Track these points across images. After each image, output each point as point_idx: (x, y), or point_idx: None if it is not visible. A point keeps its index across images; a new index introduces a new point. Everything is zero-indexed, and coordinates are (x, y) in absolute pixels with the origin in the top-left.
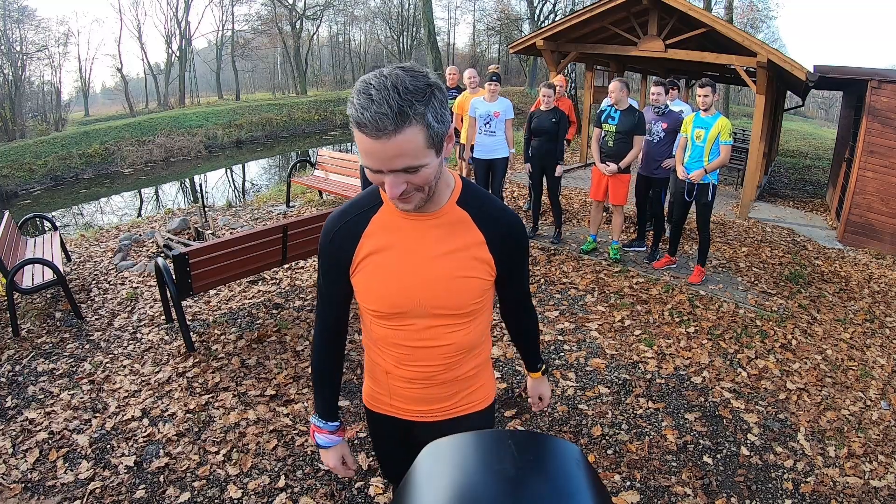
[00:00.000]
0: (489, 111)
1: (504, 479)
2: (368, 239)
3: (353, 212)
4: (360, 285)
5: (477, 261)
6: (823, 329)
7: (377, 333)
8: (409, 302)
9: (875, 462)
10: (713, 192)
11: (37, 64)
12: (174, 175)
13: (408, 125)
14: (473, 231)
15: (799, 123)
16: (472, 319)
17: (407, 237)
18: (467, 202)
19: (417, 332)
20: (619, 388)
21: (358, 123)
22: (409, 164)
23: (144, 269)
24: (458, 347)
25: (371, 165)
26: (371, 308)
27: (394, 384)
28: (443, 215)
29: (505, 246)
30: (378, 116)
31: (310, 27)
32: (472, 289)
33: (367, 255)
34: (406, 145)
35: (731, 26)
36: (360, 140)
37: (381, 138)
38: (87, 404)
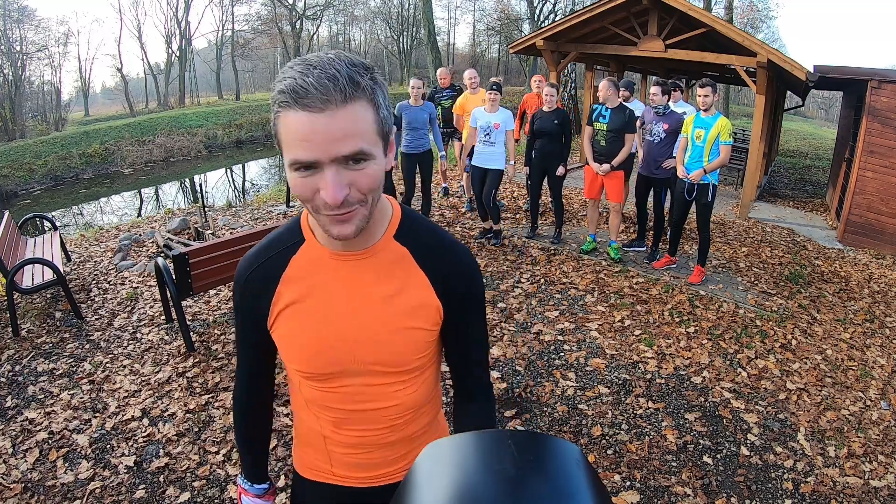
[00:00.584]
0: (489, 122)
1: (504, 479)
2: (288, 285)
3: (269, 252)
4: (282, 341)
5: (420, 305)
6: (823, 329)
7: (307, 394)
8: (342, 359)
9: (875, 462)
10: (713, 193)
11: (37, 64)
12: (174, 175)
13: (358, 97)
14: (414, 270)
15: (799, 123)
16: (418, 375)
17: (335, 280)
18: (407, 236)
19: (355, 394)
20: (619, 388)
21: (295, 93)
22: (360, 147)
23: (144, 269)
24: (404, 408)
25: (306, 155)
26: (297, 368)
27: (332, 450)
28: (378, 252)
29: (454, 289)
30: (324, 81)
31: (310, 27)
32: (414, 341)
33: (287, 305)
34: (356, 122)
35: (731, 26)
36: (294, 122)
37: (327, 110)
38: (87, 404)
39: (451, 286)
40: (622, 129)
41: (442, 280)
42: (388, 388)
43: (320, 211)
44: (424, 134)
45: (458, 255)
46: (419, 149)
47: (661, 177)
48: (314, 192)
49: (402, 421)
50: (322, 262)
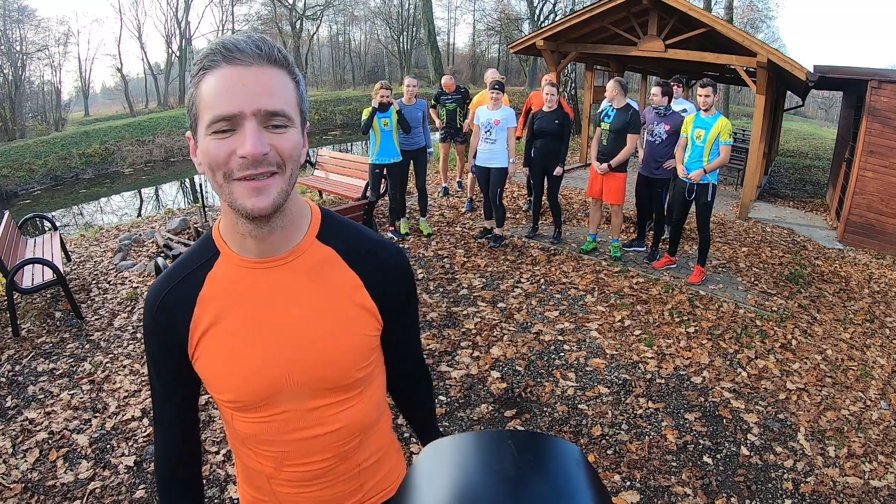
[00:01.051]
0: (490, 119)
1: (504, 479)
2: (206, 305)
3: (182, 272)
4: (206, 371)
5: (356, 309)
6: (823, 329)
7: (242, 431)
8: (275, 382)
9: (875, 462)
10: (713, 192)
11: (37, 64)
12: (174, 175)
13: (282, 67)
14: (345, 272)
15: (799, 123)
16: (363, 389)
17: (258, 292)
18: (332, 236)
19: (293, 420)
20: (619, 388)
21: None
22: (281, 107)
23: (144, 268)
24: (352, 430)
25: (228, 108)
26: (225, 400)
27: (279, 490)
28: (300, 254)
29: (388, 288)
30: (254, 41)
31: (310, 27)
32: (354, 350)
33: (207, 329)
34: (280, 83)
35: (731, 26)
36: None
37: (254, 65)
38: (87, 404)
39: (385, 285)
40: (624, 128)
41: (374, 279)
42: (330, 410)
43: (234, 175)
44: (419, 132)
45: (390, 252)
46: (414, 146)
47: (661, 177)
48: (229, 154)
49: (352, 446)
50: (241, 274)
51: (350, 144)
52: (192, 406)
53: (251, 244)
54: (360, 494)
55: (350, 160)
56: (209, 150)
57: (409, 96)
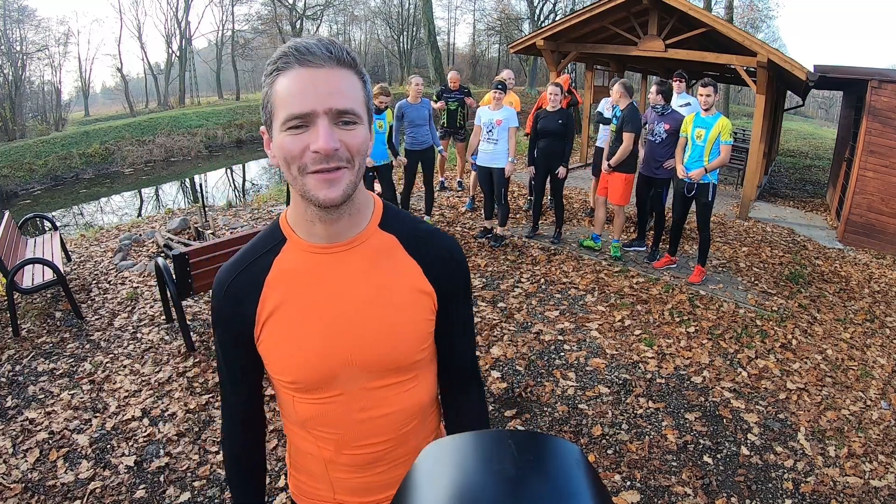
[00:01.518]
0: (492, 119)
1: (504, 478)
2: (273, 289)
3: (249, 258)
4: (270, 353)
5: (416, 294)
6: (823, 329)
7: (303, 413)
8: (336, 363)
9: (875, 462)
10: (713, 192)
11: (37, 64)
12: (174, 175)
13: (351, 68)
14: (405, 258)
15: (799, 123)
16: (420, 373)
17: (321, 278)
18: (392, 224)
19: (354, 402)
20: (620, 388)
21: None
22: (351, 105)
23: (144, 268)
24: (410, 412)
25: (302, 107)
26: (288, 381)
27: (336, 476)
28: (364, 241)
29: (445, 274)
30: (326, 44)
31: (310, 27)
32: (413, 332)
33: (273, 312)
34: (350, 85)
35: (731, 26)
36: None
37: (326, 67)
38: (87, 404)
39: (441, 272)
40: (621, 127)
41: (432, 266)
42: (389, 391)
43: (308, 169)
44: (426, 131)
45: (445, 240)
46: (422, 145)
47: (662, 177)
48: (303, 149)
49: (409, 428)
50: (308, 259)
51: None
52: (257, 387)
53: (320, 229)
54: None
55: None
56: (284, 145)
57: (416, 95)
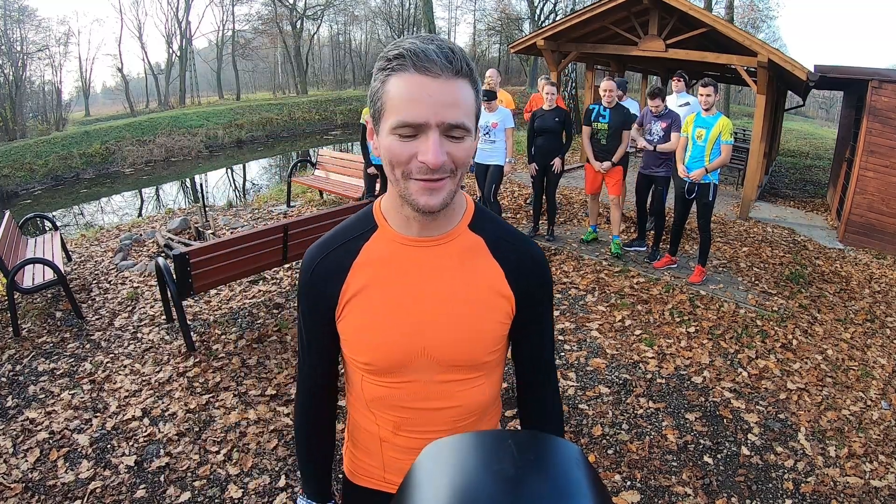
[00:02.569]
0: (487, 122)
1: (503, 478)
2: (359, 273)
3: (339, 240)
4: (349, 333)
5: (495, 296)
6: (824, 329)
7: (370, 393)
8: (411, 352)
9: (875, 462)
10: (714, 192)
11: (37, 64)
12: (175, 175)
13: (468, 78)
14: (489, 260)
15: (799, 123)
16: (487, 374)
17: (407, 268)
18: (481, 226)
19: (420, 391)
20: (620, 388)
21: (418, 57)
22: (462, 119)
23: (145, 268)
24: (470, 409)
25: (416, 116)
26: (362, 361)
27: (389, 455)
28: (453, 239)
29: (526, 281)
30: (446, 51)
31: (310, 27)
32: (489, 333)
33: (356, 294)
34: (464, 96)
35: (731, 26)
36: (409, 85)
37: (443, 76)
38: (87, 404)
39: (524, 277)
40: (621, 126)
41: (515, 271)
42: (454, 387)
43: (412, 176)
44: None
45: (530, 247)
46: None
47: (661, 175)
48: (411, 157)
49: (464, 425)
50: (396, 249)
51: (350, 144)
52: (333, 362)
53: (413, 224)
54: None
55: (350, 160)
56: (392, 149)
57: None
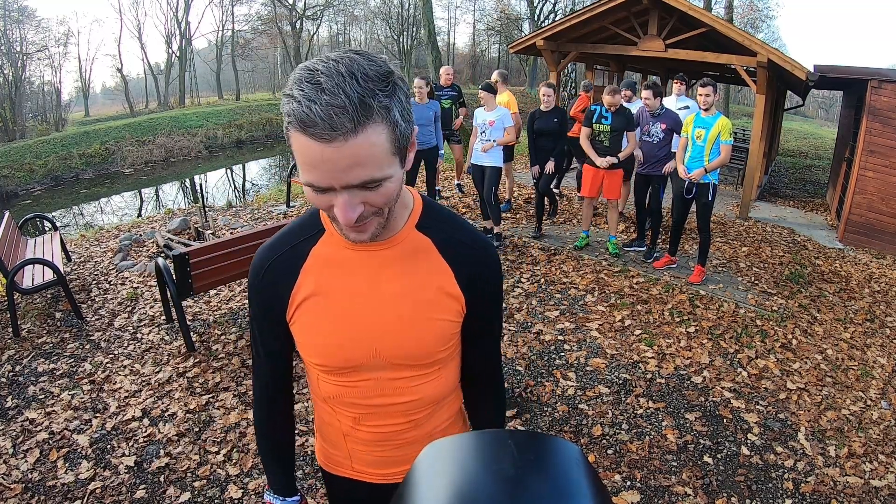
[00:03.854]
0: (485, 120)
1: (503, 478)
2: (308, 276)
3: (288, 243)
4: (301, 335)
5: (443, 296)
6: (824, 329)
7: (326, 391)
8: (363, 353)
9: (875, 462)
10: (713, 192)
11: (37, 64)
12: (174, 175)
13: (371, 122)
14: (437, 261)
15: (799, 123)
16: (441, 369)
17: (355, 272)
18: (429, 226)
19: (374, 388)
20: (620, 388)
21: (302, 122)
22: (371, 175)
23: (145, 269)
24: (425, 402)
25: (318, 181)
26: (315, 363)
27: (352, 447)
28: (399, 242)
29: (477, 280)
30: (332, 111)
31: (310, 27)
32: (438, 333)
33: (306, 298)
34: (368, 150)
35: (731, 26)
36: (303, 147)
37: (336, 141)
38: (87, 404)
39: (474, 278)
40: (625, 128)
41: (465, 271)
42: (409, 383)
43: (336, 221)
44: (430, 130)
45: (482, 246)
46: (425, 145)
47: (658, 173)
48: (329, 206)
49: (423, 415)
50: (342, 254)
51: None
52: (287, 360)
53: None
54: None
55: None
56: (309, 197)
57: (420, 96)
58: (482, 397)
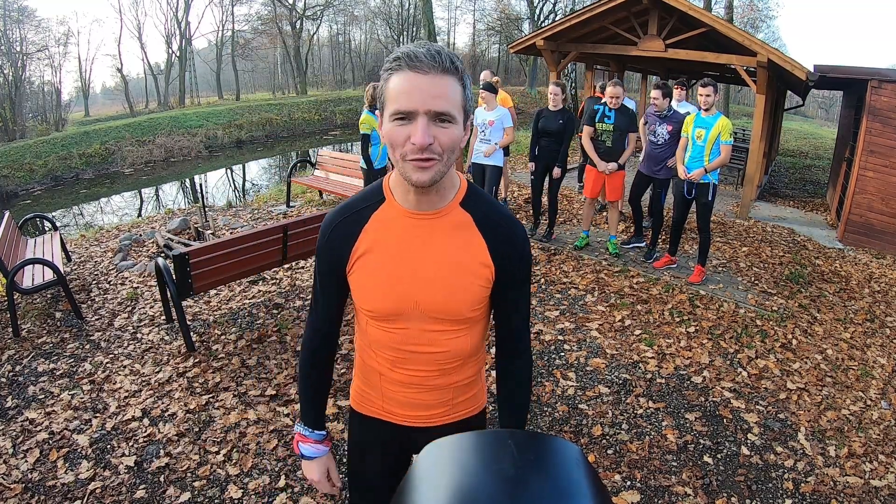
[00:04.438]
0: (485, 120)
1: (503, 478)
2: (367, 236)
3: (353, 208)
4: (357, 284)
5: (478, 265)
6: (824, 329)
7: (372, 335)
8: (406, 304)
9: (875, 462)
10: (713, 192)
11: (37, 64)
12: (174, 175)
13: (454, 76)
14: (475, 235)
15: (799, 123)
16: (470, 328)
17: (407, 235)
18: (471, 205)
19: (413, 336)
20: (620, 388)
21: (409, 58)
22: (447, 109)
23: (144, 269)
24: (454, 355)
25: (407, 106)
26: (366, 308)
27: (386, 387)
28: (445, 215)
29: (507, 255)
30: (433, 53)
31: (310, 27)
32: (471, 294)
33: (364, 253)
34: (450, 90)
35: (731, 26)
36: (403, 80)
37: (431, 72)
38: (87, 404)
39: (504, 252)
40: (627, 128)
41: (497, 246)
42: (441, 336)
43: (406, 157)
44: None
45: (513, 226)
46: None
47: (661, 177)
48: (405, 139)
49: (450, 367)
50: (398, 219)
51: (350, 144)
52: (338, 310)
53: (412, 198)
54: (450, 406)
55: (350, 160)
56: (390, 133)
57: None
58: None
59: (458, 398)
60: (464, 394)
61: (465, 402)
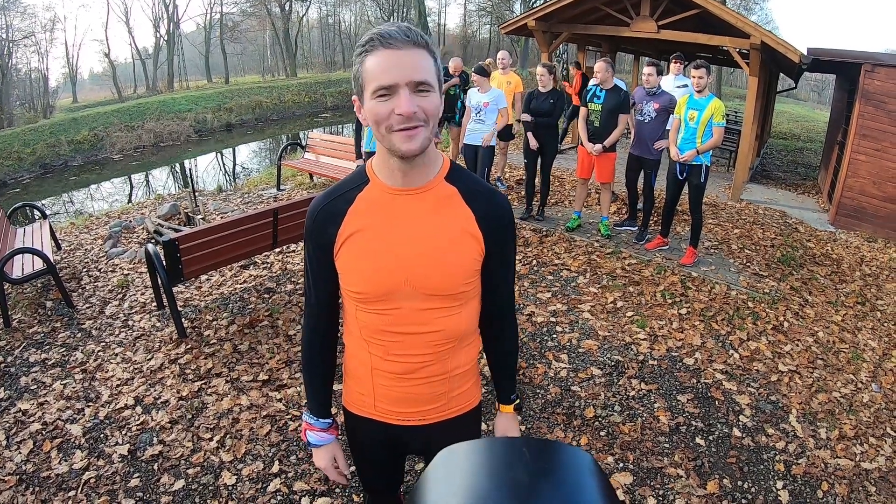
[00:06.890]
0: (480, 101)
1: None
2: (353, 217)
3: (338, 191)
4: (344, 266)
5: (467, 236)
6: (815, 311)
7: (363, 321)
8: (396, 281)
9: (866, 444)
10: (706, 174)
11: (23, 51)
12: (164, 160)
13: (426, 48)
14: (462, 207)
15: (791, 106)
16: (463, 304)
17: (393, 213)
18: (456, 178)
19: (405, 317)
20: (612, 370)
21: (382, 37)
22: (425, 78)
23: (135, 255)
24: (448, 335)
25: (388, 80)
26: (355, 290)
27: (378, 382)
28: (431, 188)
29: (493, 224)
30: (404, 29)
31: (299, 9)
32: (462, 267)
33: (351, 234)
34: (425, 61)
35: (724, 8)
36: (379, 59)
37: (405, 47)
38: (79, 394)
39: (491, 223)
40: (617, 109)
41: (483, 217)
42: (434, 314)
43: (393, 129)
44: None
45: (497, 196)
46: None
47: (652, 158)
48: (389, 113)
49: (445, 349)
50: (384, 198)
51: (341, 127)
52: (333, 295)
53: (398, 176)
54: (445, 401)
55: (340, 143)
56: (374, 109)
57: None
58: (500, 334)
59: (453, 391)
60: (459, 387)
61: (460, 397)
